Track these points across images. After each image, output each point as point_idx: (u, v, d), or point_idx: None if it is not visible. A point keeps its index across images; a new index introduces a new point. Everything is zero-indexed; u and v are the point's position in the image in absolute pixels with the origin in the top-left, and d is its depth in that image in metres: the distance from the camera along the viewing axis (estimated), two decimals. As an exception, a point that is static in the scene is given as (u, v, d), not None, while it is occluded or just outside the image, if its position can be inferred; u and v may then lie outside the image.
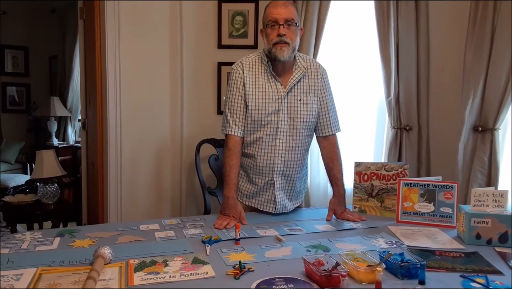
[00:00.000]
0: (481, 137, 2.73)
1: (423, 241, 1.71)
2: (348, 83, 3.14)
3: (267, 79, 2.03)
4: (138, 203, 3.20)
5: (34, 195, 3.47)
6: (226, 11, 3.18)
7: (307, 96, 2.06)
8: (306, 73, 2.08)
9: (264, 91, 2.02)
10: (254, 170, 2.08)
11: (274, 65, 2.02)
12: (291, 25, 1.95)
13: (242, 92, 2.04)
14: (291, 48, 1.97)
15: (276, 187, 2.06)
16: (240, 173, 2.13)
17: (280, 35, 1.93)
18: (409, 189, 1.99)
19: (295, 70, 2.05)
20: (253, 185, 2.10)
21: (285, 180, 2.09)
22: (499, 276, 1.37)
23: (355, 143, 3.18)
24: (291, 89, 2.03)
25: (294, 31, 1.97)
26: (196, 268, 1.37)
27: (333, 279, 1.24)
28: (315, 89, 2.09)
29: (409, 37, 2.89)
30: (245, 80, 2.03)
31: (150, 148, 3.22)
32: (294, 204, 2.17)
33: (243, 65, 2.06)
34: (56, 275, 1.31)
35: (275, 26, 1.94)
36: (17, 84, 6.41)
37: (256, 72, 2.05)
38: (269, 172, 2.05)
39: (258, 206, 2.11)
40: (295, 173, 2.10)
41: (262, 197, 2.10)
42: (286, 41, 1.93)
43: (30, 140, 6.32)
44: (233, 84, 2.07)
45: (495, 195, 1.72)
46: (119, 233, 1.75)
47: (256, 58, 2.08)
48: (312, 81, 2.09)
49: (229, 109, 2.07)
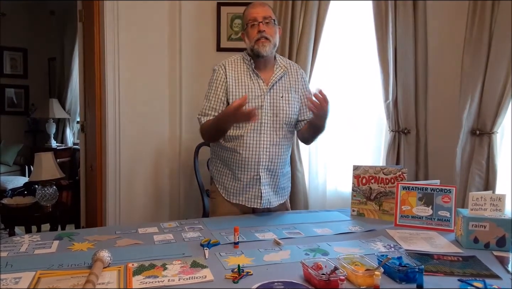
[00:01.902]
0: (479, 140, 2.74)
1: (421, 245, 1.71)
2: (346, 86, 3.15)
3: (249, 77, 2.11)
4: (137, 205, 3.20)
5: (32, 197, 3.47)
6: (225, 14, 3.19)
7: (288, 93, 2.14)
8: (287, 72, 2.18)
9: (247, 88, 2.09)
10: (239, 165, 2.11)
11: (256, 62, 2.11)
12: (269, 23, 2.07)
13: (220, 92, 2.10)
14: (272, 44, 2.07)
15: (262, 182, 2.10)
16: (224, 171, 2.18)
17: (261, 31, 2.04)
18: (407, 193, 2.00)
19: (276, 69, 2.15)
20: (238, 182, 2.13)
21: (270, 175, 2.13)
22: (497, 280, 1.37)
23: (354, 146, 3.19)
24: (273, 86, 2.11)
25: (273, 28, 2.09)
26: (194, 272, 1.37)
27: (331, 283, 1.24)
28: (296, 87, 2.19)
29: (407, 40, 2.90)
30: (228, 79, 2.10)
31: (148, 150, 3.22)
32: (279, 200, 2.22)
33: (225, 66, 2.14)
34: (54, 279, 1.31)
35: (255, 24, 2.06)
36: (15, 86, 6.40)
37: (239, 70, 2.13)
38: (255, 166, 2.09)
39: (246, 202, 2.14)
40: (279, 168, 2.15)
41: (248, 194, 2.13)
42: (266, 37, 2.05)
43: (28, 142, 6.31)
44: (212, 84, 2.15)
45: (493, 199, 1.72)
46: (117, 236, 1.74)
47: (238, 58, 2.18)
48: (293, 79, 2.19)
49: (203, 105, 2.14)
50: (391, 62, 2.90)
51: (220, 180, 2.20)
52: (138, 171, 3.20)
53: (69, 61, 5.98)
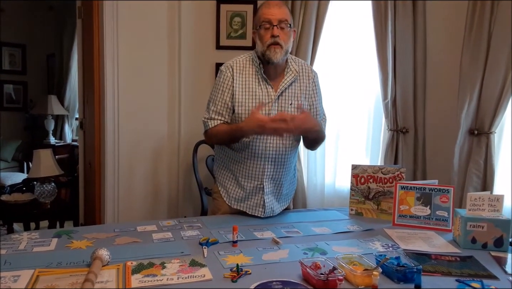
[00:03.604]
0: (477, 140, 2.74)
1: (419, 245, 1.72)
2: (345, 85, 3.15)
3: (257, 82, 2.01)
4: (135, 203, 3.20)
5: (31, 194, 3.47)
6: (224, 12, 3.19)
7: (298, 100, 2.03)
8: (298, 77, 2.06)
9: (254, 95, 1.99)
10: (243, 174, 2.06)
11: (265, 68, 2.00)
12: (285, 27, 1.94)
13: (227, 97, 2.01)
14: (284, 50, 1.95)
15: (266, 191, 2.05)
16: (229, 176, 2.13)
17: (274, 36, 1.91)
18: (405, 192, 2.00)
19: (287, 74, 2.03)
20: (242, 189, 2.08)
21: (274, 184, 2.08)
22: (494, 281, 1.37)
23: (352, 145, 3.20)
24: (282, 93, 2.01)
25: (288, 32, 1.96)
26: (193, 271, 1.38)
27: (329, 283, 1.25)
28: (306, 94, 2.08)
29: (406, 40, 2.90)
30: (235, 84, 2.00)
31: (147, 148, 3.22)
32: (282, 207, 2.16)
33: (233, 68, 2.03)
34: (53, 277, 1.31)
35: (269, 27, 1.93)
36: (14, 82, 6.39)
37: (247, 74, 2.02)
38: (259, 176, 2.04)
39: (247, 210, 2.08)
40: (284, 176, 2.10)
41: (251, 201, 2.07)
42: (279, 43, 1.91)
43: (27, 139, 6.31)
44: (218, 87, 2.04)
45: (490, 200, 1.73)
46: (116, 234, 1.74)
47: (246, 59, 2.06)
48: (304, 85, 2.07)
49: (209, 109, 2.05)
50: (390, 61, 2.90)
51: (224, 183, 2.15)
52: (137, 168, 3.20)
53: (68, 58, 5.98)
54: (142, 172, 3.22)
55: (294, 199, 3.03)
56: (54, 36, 6.28)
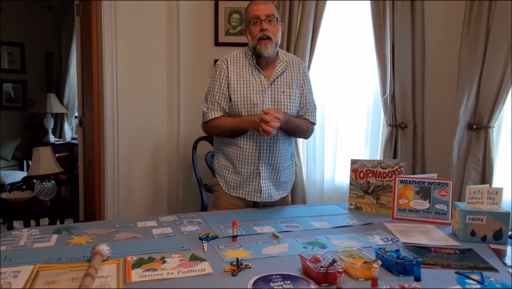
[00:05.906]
0: (475, 135, 2.75)
1: (418, 238, 1.72)
2: (344, 81, 3.15)
3: (251, 72, 2.13)
4: (135, 199, 3.21)
5: (30, 191, 3.47)
6: (223, 9, 3.19)
7: (289, 88, 2.15)
8: (288, 67, 2.18)
9: (248, 83, 2.11)
10: (240, 159, 2.13)
11: (258, 60, 2.13)
12: (272, 20, 2.07)
13: (224, 87, 2.12)
14: (274, 43, 2.08)
15: (262, 176, 2.12)
16: (226, 164, 2.20)
17: (263, 30, 2.04)
18: (404, 186, 2.01)
19: (278, 64, 2.15)
20: (239, 175, 2.15)
21: (270, 169, 2.15)
22: (493, 273, 1.38)
23: (351, 140, 3.20)
24: (274, 81, 2.12)
25: (276, 26, 2.09)
26: (193, 265, 1.38)
27: (329, 276, 1.25)
28: (297, 83, 2.19)
29: (404, 36, 2.90)
30: (229, 75, 2.12)
31: (147, 145, 3.22)
32: (280, 194, 2.23)
33: (228, 61, 2.15)
34: (53, 272, 1.31)
35: (257, 22, 2.06)
36: (13, 81, 6.38)
37: (241, 66, 2.15)
38: (255, 160, 2.11)
39: (245, 196, 2.16)
40: (280, 162, 2.16)
41: (248, 187, 2.15)
42: (269, 36, 2.05)
43: (26, 137, 6.30)
44: (215, 79, 2.16)
45: (489, 192, 1.73)
46: (116, 230, 1.75)
47: (240, 53, 2.19)
48: (295, 75, 2.19)
49: (208, 100, 2.16)
50: (388, 57, 2.91)
51: (222, 173, 2.22)
52: (136, 165, 3.20)
53: (66, 56, 5.96)
54: (142, 169, 3.23)
55: (293, 195, 3.04)
56: (53, 35, 6.25)
